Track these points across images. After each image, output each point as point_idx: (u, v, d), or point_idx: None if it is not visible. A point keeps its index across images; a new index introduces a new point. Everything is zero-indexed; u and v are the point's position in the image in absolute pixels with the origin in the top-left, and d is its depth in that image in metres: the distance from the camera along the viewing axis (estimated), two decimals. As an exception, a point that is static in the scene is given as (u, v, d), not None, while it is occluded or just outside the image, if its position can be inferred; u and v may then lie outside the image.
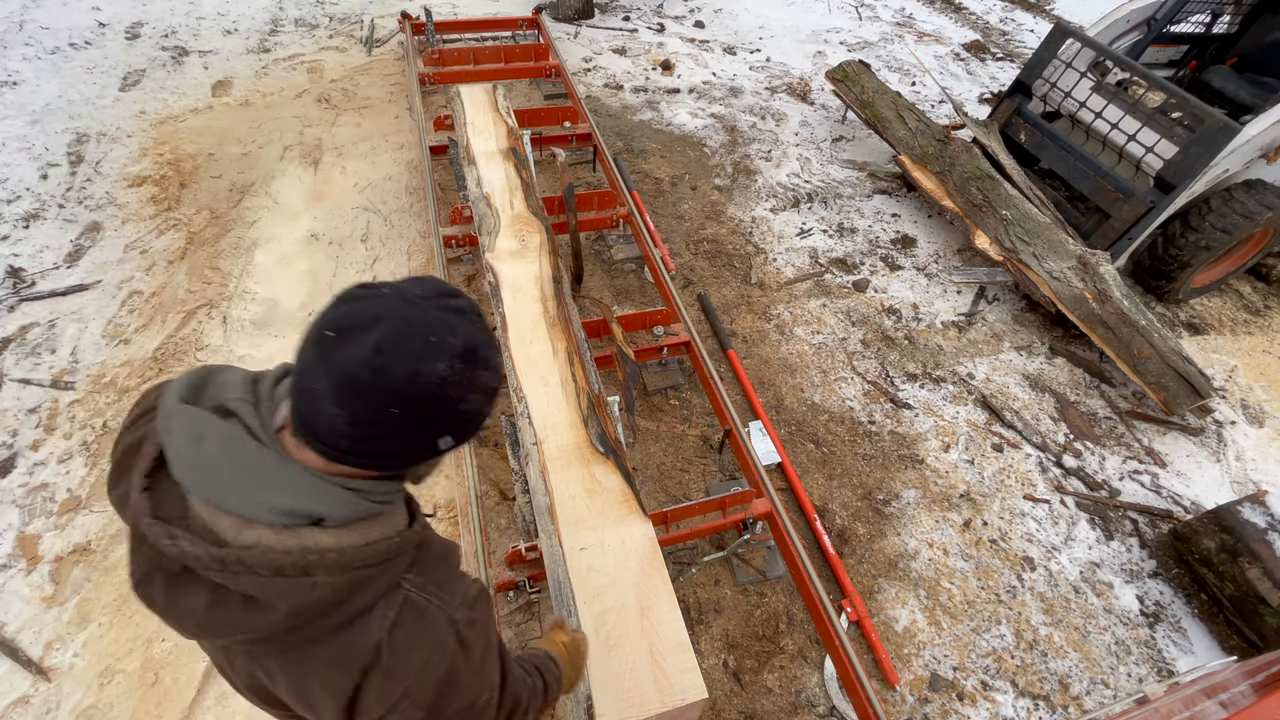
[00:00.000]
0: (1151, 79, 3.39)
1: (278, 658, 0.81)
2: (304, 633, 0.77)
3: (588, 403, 2.18)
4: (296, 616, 0.74)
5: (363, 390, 0.71)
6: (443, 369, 0.73)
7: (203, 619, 0.75)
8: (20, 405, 2.85)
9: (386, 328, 0.72)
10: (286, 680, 0.82)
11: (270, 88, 4.86)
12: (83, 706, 2.10)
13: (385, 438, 0.75)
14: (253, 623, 0.74)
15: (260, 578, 0.71)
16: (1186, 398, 2.99)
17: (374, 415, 0.72)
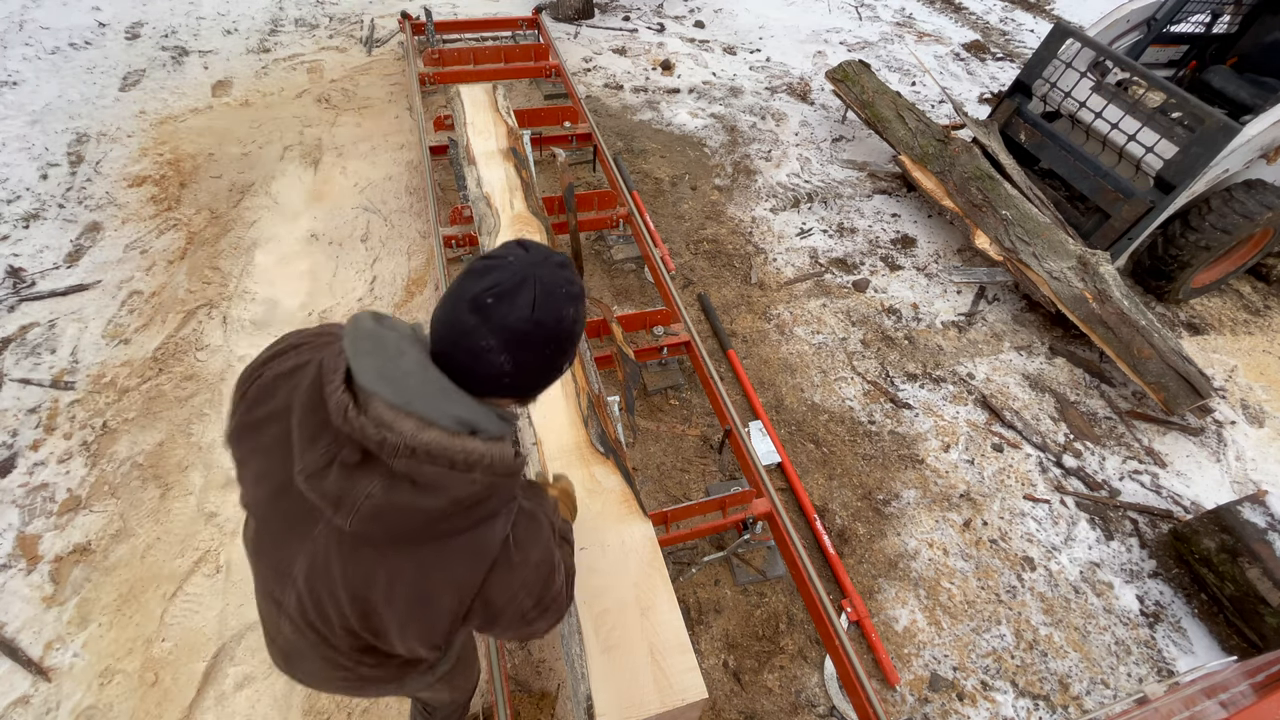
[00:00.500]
0: (1151, 79, 3.39)
1: (413, 553, 0.94)
2: (451, 524, 0.93)
3: (588, 403, 2.18)
4: (455, 505, 0.90)
5: (526, 340, 0.90)
6: (572, 313, 0.95)
7: (380, 501, 0.87)
8: (20, 405, 2.85)
9: (534, 289, 0.90)
10: (413, 577, 0.95)
11: (270, 88, 4.86)
12: (83, 706, 2.10)
13: (541, 374, 0.98)
14: (421, 506, 0.88)
15: (438, 467, 0.86)
16: (1186, 398, 2.99)
17: (535, 359, 0.93)
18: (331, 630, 1.03)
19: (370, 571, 0.95)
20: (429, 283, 3.55)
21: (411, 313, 3.40)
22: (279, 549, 1.02)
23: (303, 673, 1.23)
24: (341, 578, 0.96)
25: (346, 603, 0.98)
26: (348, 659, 1.11)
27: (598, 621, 1.67)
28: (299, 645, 1.11)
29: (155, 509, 2.58)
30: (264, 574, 1.10)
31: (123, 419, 2.84)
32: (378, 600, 0.96)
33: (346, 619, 1.00)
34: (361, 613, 0.98)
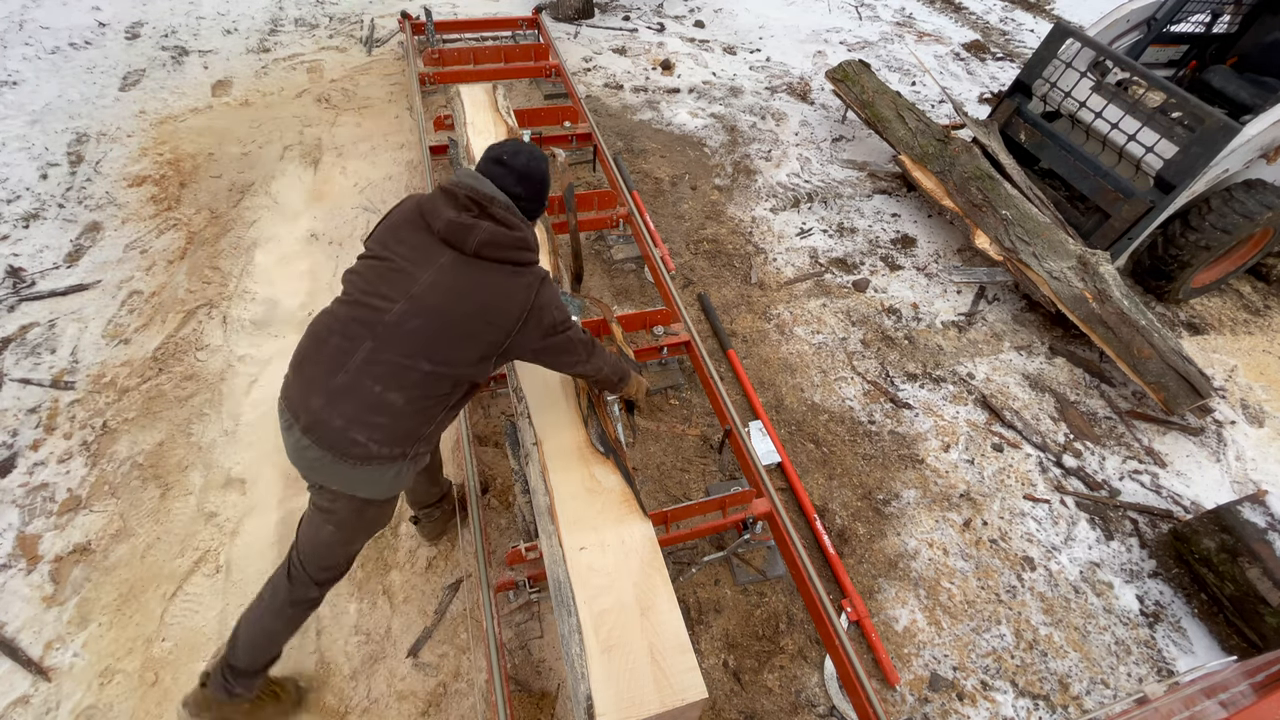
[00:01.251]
0: (1151, 79, 3.39)
1: (500, 270, 1.63)
2: (520, 255, 1.66)
3: (588, 403, 2.18)
4: (521, 240, 1.66)
5: (528, 175, 1.72)
6: (545, 167, 1.77)
7: (491, 231, 1.61)
8: (20, 405, 2.85)
9: (528, 151, 1.75)
10: (497, 286, 1.63)
11: (270, 87, 4.86)
12: (83, 706, 2.10)
13: (536, 199, 1.76)
14: (510, 234, 1.63)
15: (510, 214, 1.67)
16: (1186, 397, 2.99)
17: (531, 188, 1.74)
18: (415, 337, 1.58)
19: (479, 279, 1.61)
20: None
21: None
22: (403, 275, 1.61)
23: (337, 414, 1.57)
24: (455, 285, 1.59)
25: (455, 301, 1.59)
26: (405, 379, 1.58)
27: (598, 621, 1.67)
28: (364, 374, 1.57)
29: (155, 509, 2.58)
30: (368, 299, 1.61)
31: (123, 419, 2.84)
32: (478, 297, 1.60)
33: (445, 316, 1.59)
34: (461, 312, 1.59)
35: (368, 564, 2.48)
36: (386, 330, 1.57)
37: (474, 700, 2.17)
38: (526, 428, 2.13)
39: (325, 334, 1.63)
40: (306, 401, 1.59)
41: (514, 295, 1.63)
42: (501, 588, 2.06)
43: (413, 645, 2.29)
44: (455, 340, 1.60)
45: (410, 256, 1.62)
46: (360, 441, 1.58)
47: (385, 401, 1.57)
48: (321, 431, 1.57)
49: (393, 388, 1.57)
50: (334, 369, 1.58)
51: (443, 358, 1.60)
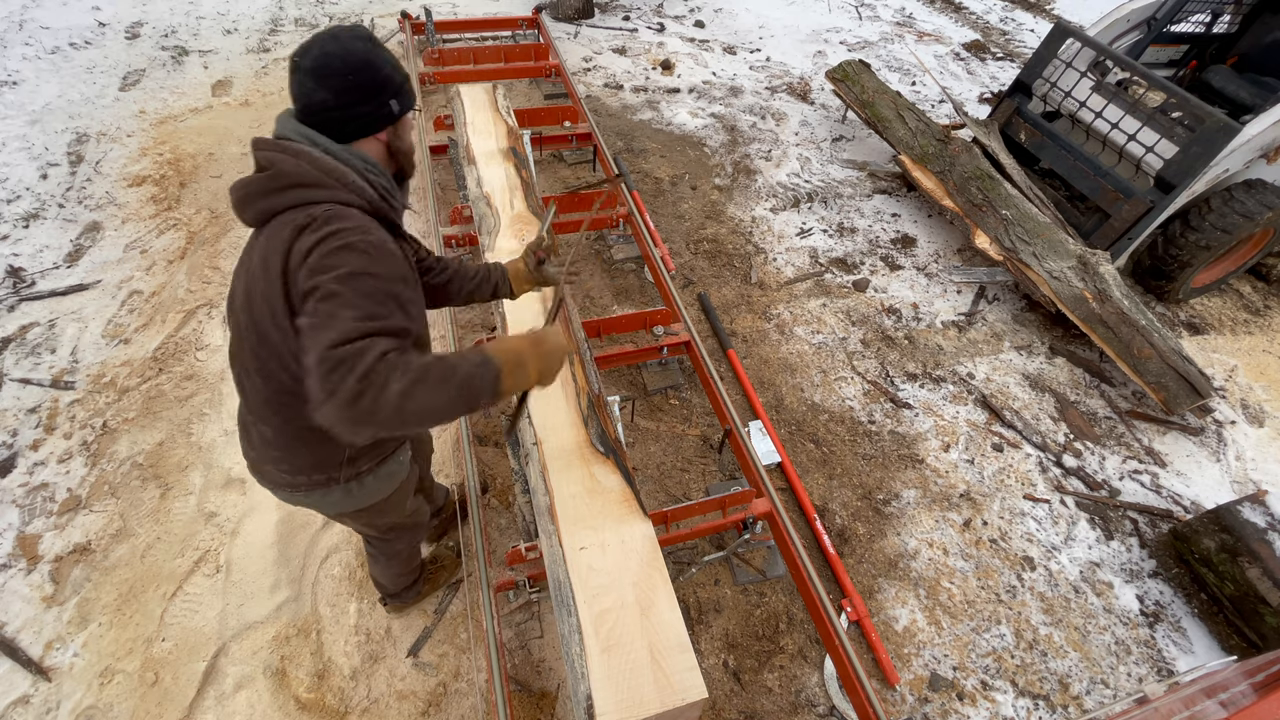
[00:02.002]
0: (1151, 79, 3.39)
1: (264, 233, 1.28)
2: (282, 199, 1.25)
3: (588, 403, 2.18)
4: (281, 178, 1.25)
5: (327, 71, 1.26)
6: (362, 46, 1.29)
7: (242, 193, 1.29)
8: (20, 405, 2.85)
9: (322, 39, 1.28)
10: (263, 246, 1.27)
11: (270, 87, 4.86)
12: (83, 706, 2.10)
13: (358, 99, 1.30)
14: (258, 178, 1.27)
15: (270, 152, 1.27)
16: (1186, 397, 2.99)
17: (343, 84, 1.28)
18: (246, 360, 1.37)
19: (250, 252, 1.33)
20: (429, 282, 3.55)
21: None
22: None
23: (258, 459, 1.53)
24: (247, 283, 1.32)
25: (248, 299, 1.32)
26: (260, 410, 1.42)
27: (598, 621, 1.67)
28: (244, 416, 1.50)
29: (155, 509, 2.58)
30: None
31: (123, 419, 2.84)
32: (254, 274, 1.29)
33: (250, 323, 1.32)
34: (258, 314, 1.29)
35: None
36: (235, 367, 1.43)
37: (474, 700, 2.17)
38: (526, 428, 2.13)
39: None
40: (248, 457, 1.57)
41: (275, 249, 1.23)
42: (501, 588, 2.06)
43: (413, 645, 2.29)
44: (268, 347, 1.31)
45: (240, 282, 1.38)
46: (286, 475, 1.51)
47: (265, 437, 1.46)
48: (261, 477, 1.57)
49: (260, 420, 1.44)
50: (239, 427, 1.58)
51: (268, 372, 1.35)
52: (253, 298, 1.29)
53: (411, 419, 1.14)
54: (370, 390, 1.10)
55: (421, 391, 1.14)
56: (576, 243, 2.20)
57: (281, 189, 1.25)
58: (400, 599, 2.27)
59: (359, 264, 1.18)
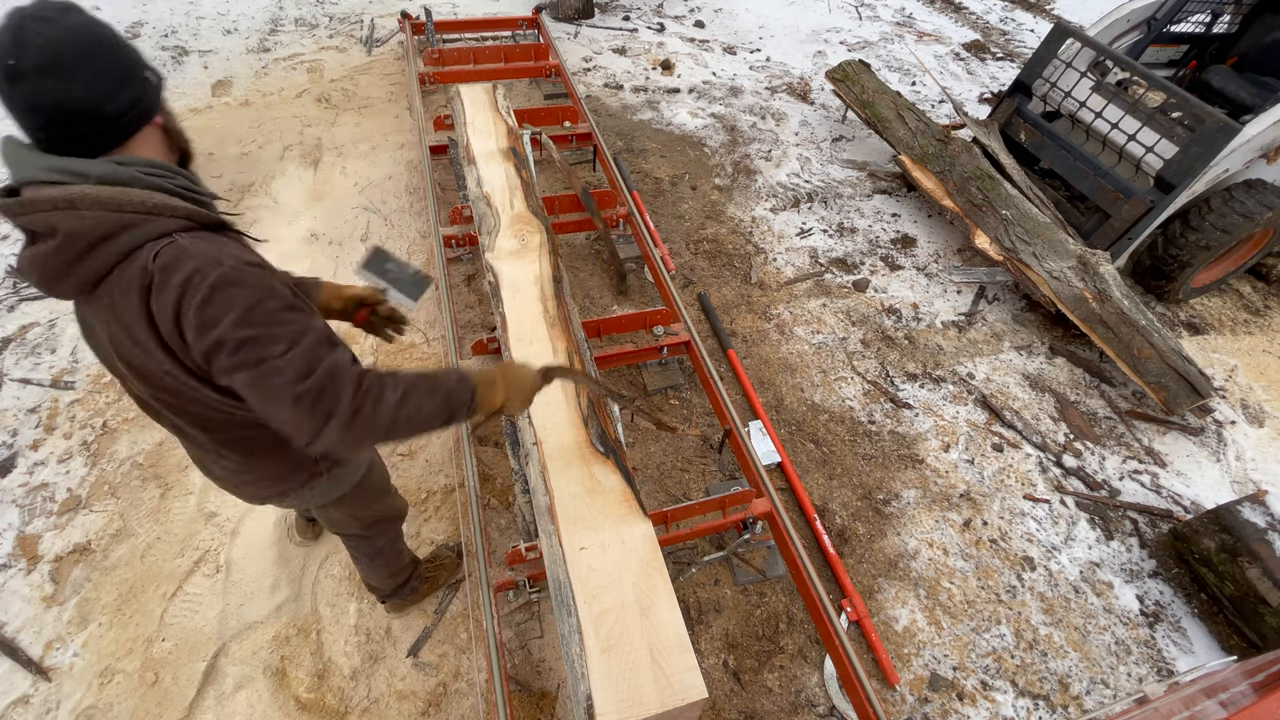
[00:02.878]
0: (1151, 79, 3.39)
1: (98, 306, 1.08)
2: (93, 264, 1.03)
3: (587, 403, 2.18)
4: (74, 240, 1.00)
5: (62, 60, 0.97)
6: (78, 18, 1.01)
7: (25, 260, 1.05)
8: (20, 405, 2.85)
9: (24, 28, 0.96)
10: (114, 321, 1.08)
11: (270, 87, 4.86)
12: (83, 706, 2.10)
13: (117, 87, 1.03)
14: (45, 250, 1.01)
15: (40, 213, 0.99)
16: (1186, 397, 2.99)
17: (90, 71, 0.99)
18: (142, 394, 1.24)
19: (94, 330, 1.17)
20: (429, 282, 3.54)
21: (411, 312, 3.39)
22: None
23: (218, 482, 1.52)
24: (103, 347, 1.19)
25: (125, 366, 1.17)
26: (183, 434, 1.34)
27: (598, 621, 1.67)
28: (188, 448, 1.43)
29: (155, 509, 2.58)
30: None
31: (123, 419, 2.84)
32: (129, 352, 1.13)
33: (147, 380, 1.17)
34: (135, 371, 1.16)
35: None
36: (164, 424, 1.34)
37: (474, 700, 2.17)
38: (526, 427, 2.13)
39: None
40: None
41: (128, 317, 1.08)
42: (501, 588, 2.06)
43: (413, 645, 2.29)
44: (191, 409, 1.23)
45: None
46: (267, 488, 1.51)
47: (230, 468, 1.42)
48: (242, 495, 1.56)
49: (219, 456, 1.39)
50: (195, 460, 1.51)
51: (205, 423, 1.28)
52: (146, 374, 1.15)
53: (403, 426, 1.19)
54: (368, 402, 1.13)
55: (414, 399, 1.18)
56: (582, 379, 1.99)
57: (82, 255, 1.02)
58: (397, 597, 2.26)
59: (242, 298, 1.04)
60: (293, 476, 1.50)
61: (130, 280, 1.03)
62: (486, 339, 2.64)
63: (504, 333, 2.40)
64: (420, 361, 3.17)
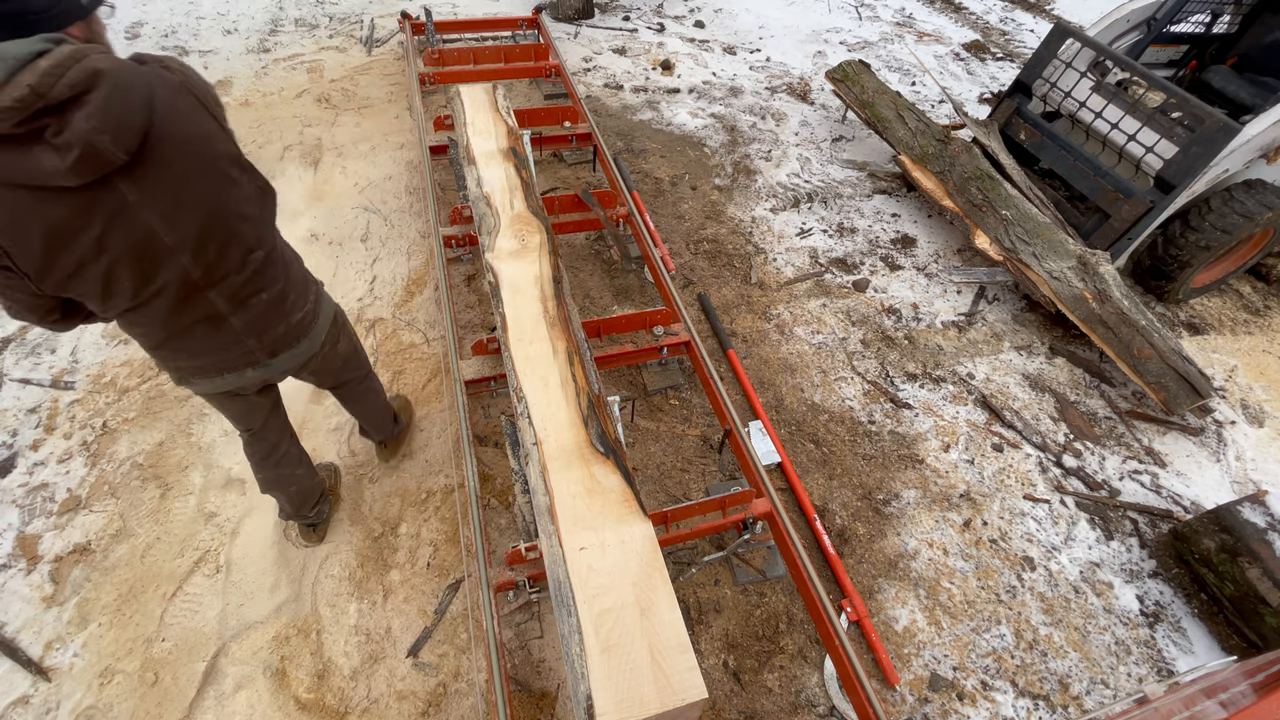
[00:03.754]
0: (1151, 79, 3.39)
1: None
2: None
3: (588, 403, 2.18)
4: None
5: None
6: None
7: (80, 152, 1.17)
8: (20, 405, 2.86)
9: None
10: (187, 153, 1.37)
11: (270, 88, 4.86)
12: (83, 706, 2.10)
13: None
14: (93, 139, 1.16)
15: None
16: (1186, 398, 2.99)
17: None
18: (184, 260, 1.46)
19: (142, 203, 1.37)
20: (429, 282, 3.55)
21: (411, 312, 3.40)
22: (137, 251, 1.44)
23: (271, 329, 1.75)
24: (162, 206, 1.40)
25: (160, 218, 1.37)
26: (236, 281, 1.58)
27: (598, 621, 1.67)
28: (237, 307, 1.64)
29: (155, 509, 2.58)
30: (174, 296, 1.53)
31: (123, 419, 2.84)
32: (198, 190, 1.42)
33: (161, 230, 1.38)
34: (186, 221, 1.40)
35: (367, 564, 2.48)
36: (191, 279, 1.49)
37: (474, 700, 2.17)
38: (526, 428, 2.13)
39: (186, 328, 1.59)
40: (244, 350, 1.73)
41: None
42: (501, 588, 2.06)
43: (413, 645, 2.29)
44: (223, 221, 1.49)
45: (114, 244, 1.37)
46: (297, 318, 1.81)
47: (276, 296, 1.71)
48: (280, 345, 1.79)
49: (262, 288, 1.66)
50: (222, 329, 1.65)
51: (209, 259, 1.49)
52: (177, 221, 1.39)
53: None
54: None
55: None
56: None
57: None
58: (392, 435, 2.69)
59: None
60: (305, 293, 1.83)
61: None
62: (486, 339, 2.64)
63: (504, 333, 2.40)
64: (420, 362, 3.17)
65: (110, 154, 1.20)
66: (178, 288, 1.47)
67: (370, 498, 2.67)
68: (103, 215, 1.28)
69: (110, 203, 1.28)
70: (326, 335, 1.97)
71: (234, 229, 1.50)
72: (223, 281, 1.55)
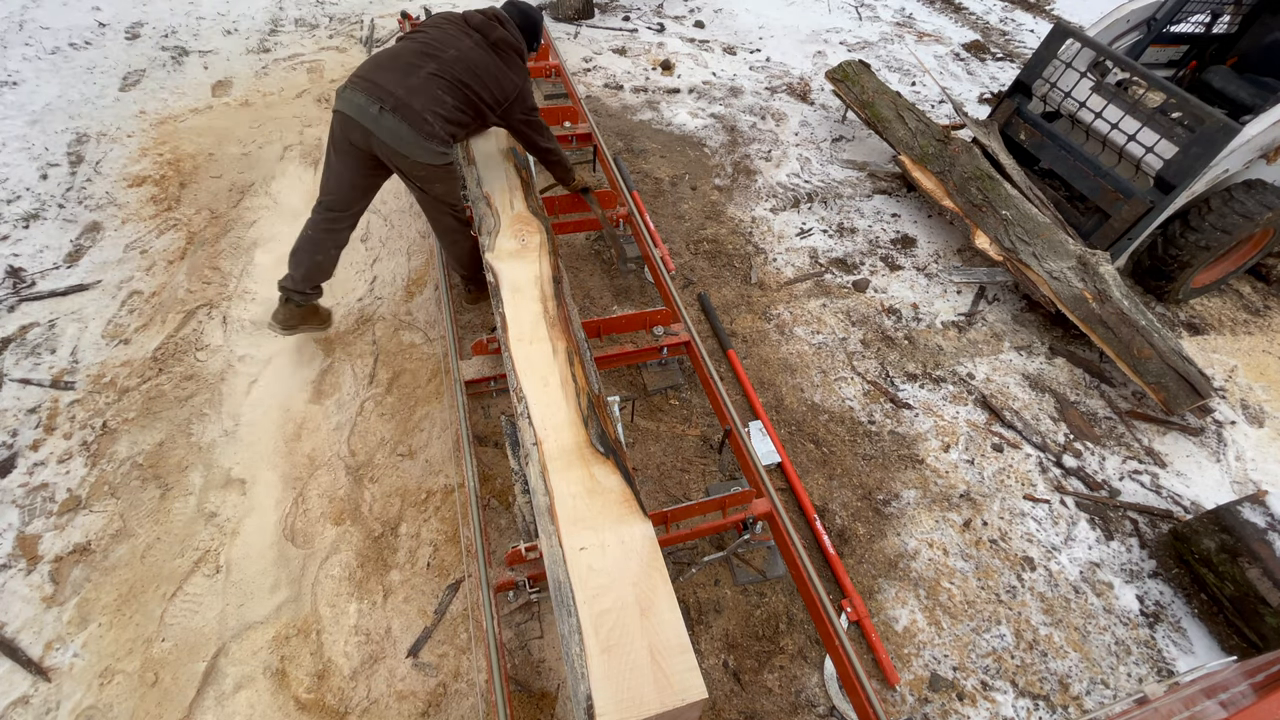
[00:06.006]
0: (1151, 79, 3.39)
1: (506, 60, 2.74)
2: (516, 57, 2.77)
3: (588, 403, 2.18)
4: (515, 43, 2.76)
5: (526, 16, 2.93)
6: (539, 16, 3.01)
7: (501, 35, 2.73)
8: (20, 405, 2.85)
9: (527, 5, 2.95)
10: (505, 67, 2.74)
11: (270, 87, 4.86)
12: (83, 706, 2.10)
13: (532, 32, 2.95)
14: (510, 40, 2.74)
15: (516, 31, 2.83)
16: (1186, 398, 2.99)
17: (529, 26, 2.92)
18: (463, 71, 2.58)
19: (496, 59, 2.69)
20: (429, 282, 3.55)
21: (411, 312, 3.40)
22: (450, 39, 2.61)
23: (416, 101, 2.49)
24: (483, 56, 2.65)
25: (484, 61, 2.64)
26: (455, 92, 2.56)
27: (598, 621, 1.67)
28: (432, 82, 2.53)
29: (155, 509, 2.58)
30: (428, 46, 2.59)
31: (123, 419, 2.84)
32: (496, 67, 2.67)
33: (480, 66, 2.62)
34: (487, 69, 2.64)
35: (367, 564, 2.48)
36: (447, 62, 2.53)
37: (474, 700, 2.17)
38: (526, 428, 2.13)
39: (396, 55, 2.56)
40: (391, 91, 2.45)
41: (512, 76, 2.67)
42: (501, 588, 2.06)
43: (413, 645, 2.29)
44: (484, 83, 2.59)
45: (451, 33, 2.61)
46: (429, 120, 2.46)
47: (443, 100, 2.50)
48: (406, 111, 2.44)
49: (448, 93, 2.51)
50: (408, 75, 2.48)
51: (477, 88, 2.57)
52: (487, 68, 2.64)
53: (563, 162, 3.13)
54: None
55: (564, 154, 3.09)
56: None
57: (516, 50, 2.75)
58: (475, 282, 3.22)
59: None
60: (447, 130, 2.56)
61: (514, 73, 2.79)
62: (487, 339, 2.64)
63: (504, 333, 2.40)
64: (420, 362, 3.17)
65: None
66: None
67: (370, 498, 2.67)
68: None
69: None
70: (426, 169, 2.57)
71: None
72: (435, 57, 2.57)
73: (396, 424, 2.91)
